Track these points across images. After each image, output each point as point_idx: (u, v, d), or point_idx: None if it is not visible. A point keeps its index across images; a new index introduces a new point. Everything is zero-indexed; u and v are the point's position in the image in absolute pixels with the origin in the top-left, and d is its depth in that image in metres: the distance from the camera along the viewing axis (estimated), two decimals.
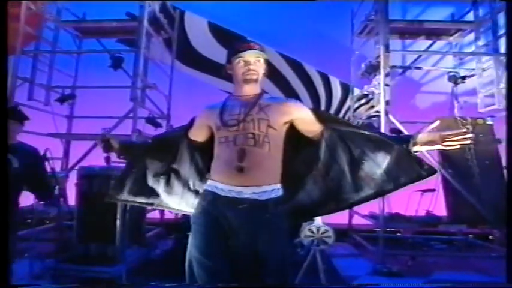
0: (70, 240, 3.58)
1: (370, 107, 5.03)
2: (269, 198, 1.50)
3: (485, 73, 4.82)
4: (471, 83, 4.87)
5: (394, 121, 4.22)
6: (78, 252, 3.42)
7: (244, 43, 1.65)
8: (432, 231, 4.76)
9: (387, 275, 3.65)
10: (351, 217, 5.31)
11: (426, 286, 3.44)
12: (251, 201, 1.48)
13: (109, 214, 3.35)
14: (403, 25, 4.95)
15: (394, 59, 4.68)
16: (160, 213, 5.08)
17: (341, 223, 5.01)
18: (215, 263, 1.46)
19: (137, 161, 1.82)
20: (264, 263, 1.46)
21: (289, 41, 6.61)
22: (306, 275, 3.06)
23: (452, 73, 4.79)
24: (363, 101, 5.34)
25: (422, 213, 4.42)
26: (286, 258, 1.53)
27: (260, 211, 1.48)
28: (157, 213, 4.97)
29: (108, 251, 3.37)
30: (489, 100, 4.71)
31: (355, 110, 5.73)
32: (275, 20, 6.47)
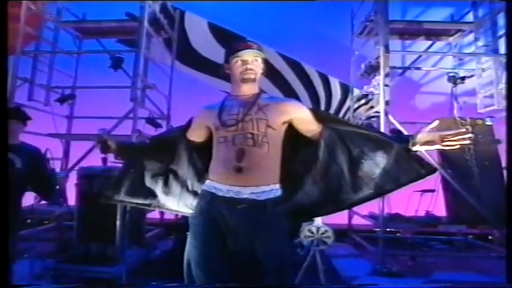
0: (70, 240, 3.59)
1: (369, 108, 5.03)
2: (268, 198, 1.49)
3: (484, 74, 4.82)
4: (470, 84, 4.88)
5: (394, 121, 4.22)
6: (78, 252, 3.42)
7: (241, 42, 1.64)
8: (432, 231, 4.77)
9: (387, 275, 3.66)
10: (351, 217, 5.32)
11: (426, 286, 3.44)
12: (250, 201, 1.47)
13: (109, 214, 3.35)
14: (403, 26, 4.96)
15: (394, 60, 4.68)
16: (160, 213, 5.07)
17: (341, 223, 5.02)
18: (213, 263, 1.46)
19: (135, 162, 1.80)
20: (263, 263, 1.45)
21: (289, 41, 6.61)
22: (306, 275, 3.06)
23: (451, 74, 4.79)
24: (363, 102, 5.34)
25: (422, 213, 4.43)
26: (285, 258, 1.52)
27: (259, 211, 1.47)
28: (157, 213, 4.96)
29: (108, 251, 3.38)
30: (488, 101, 4.71)
31: (354, 111, 5.73)
32: (275, 20, 6.47)
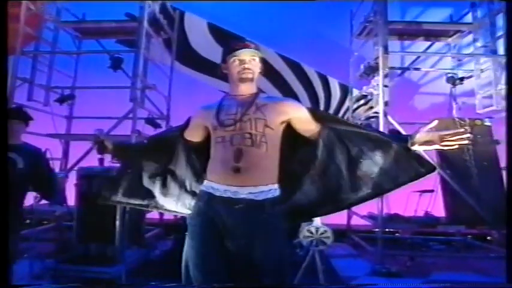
0: (70, 240, 3.59)
1: (369, 108, 5.04)
2: (266, 198, 1.49)
3: (483, 74, 4.83)
4: (469, 84, 4.89)
5: (393, 122, 4.23)
6: (78, 252, 3.43)
7: (239, 42, 1.62)
8: (431, 231, 4.78)
9: (386, 276, 3.66)
10: (350, 217, 5.32)
11: (425, 286, 3.44)
12: (247, 201, 1.47)
13: (109, 215, 3.36)
14: (402, 26, 4.96)
15: (393, 60, 4.69)
16: (159, 213, 5.06)
17: (340, 223, 5.04)
18: (210, 264, 1.46)
19: (132, 162, 1.80)
20: (261, 264, 1.45)
21: (288, 42, 6.61)
22: (305, 276, 3.07)
23: (450, 74, 4.81)
24: (362, 102, 5.35)
25: (420, 213, 4.44)
26: (283, 258, 1.51)
27: (257, 211, 1.47)
28: (156, 213, 4.94)
29: (107, 252, 3.38)
30: (487, 101, 4.71)
31: (354, 111, 5.74)
32: (274, 21, 6.49)
